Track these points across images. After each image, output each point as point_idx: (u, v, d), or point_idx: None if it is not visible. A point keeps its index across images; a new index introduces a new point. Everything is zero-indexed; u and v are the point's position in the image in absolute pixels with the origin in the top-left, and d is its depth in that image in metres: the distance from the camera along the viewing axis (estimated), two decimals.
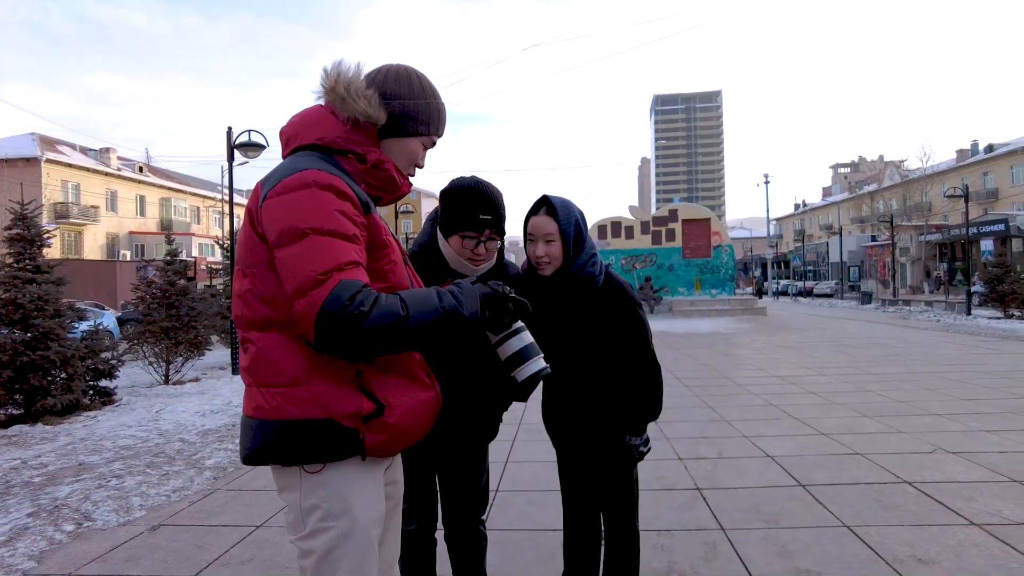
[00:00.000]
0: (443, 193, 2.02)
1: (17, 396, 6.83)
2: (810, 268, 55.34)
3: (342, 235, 1.31)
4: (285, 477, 1.38)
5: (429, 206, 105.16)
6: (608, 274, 2.18)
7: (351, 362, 1.35)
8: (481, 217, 1.93)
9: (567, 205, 2.11)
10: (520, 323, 1.55)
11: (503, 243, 2.07)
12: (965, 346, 11.65)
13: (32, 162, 35.35)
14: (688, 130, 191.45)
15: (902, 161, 45.91)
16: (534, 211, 2.11)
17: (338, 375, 1.34)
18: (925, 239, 39.72)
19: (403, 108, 1.51)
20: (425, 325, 1.30)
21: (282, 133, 1.53)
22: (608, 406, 2.16)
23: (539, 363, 1.57)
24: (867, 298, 30.11)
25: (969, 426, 5.30)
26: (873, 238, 46.54)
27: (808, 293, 44.44)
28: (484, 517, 2.26)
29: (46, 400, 6.80)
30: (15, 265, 7.29)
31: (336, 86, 1.44)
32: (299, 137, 1.47)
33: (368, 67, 1.54)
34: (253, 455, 1.37)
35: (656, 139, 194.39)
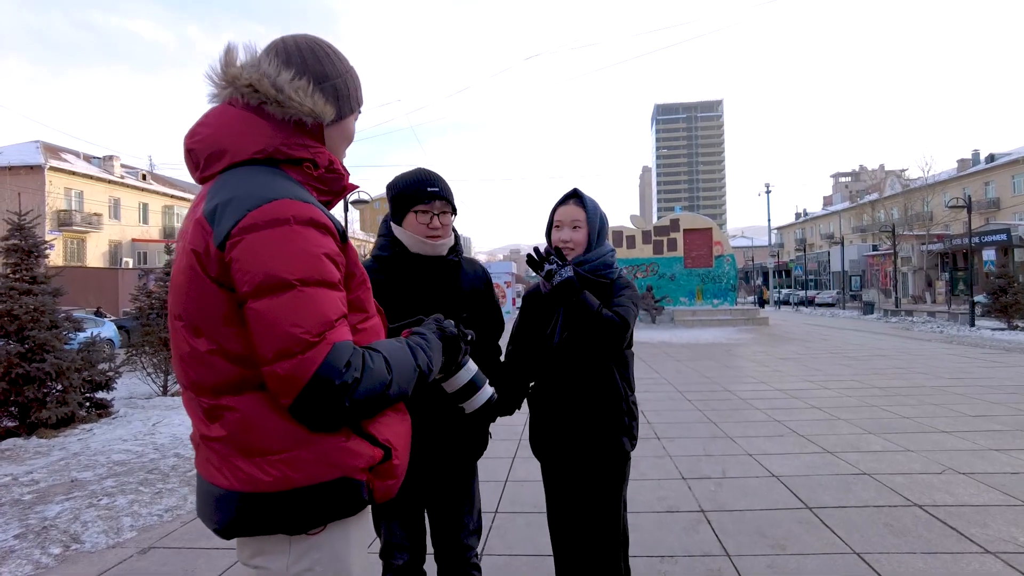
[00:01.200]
0: (389, 186, 2.04)
1: (12, 409, 6.75)
2: (811, 277, 55.24)
3: (329, 284, 1.14)
4: (265, 542, 1.18)
5: None
6: (621, 274, 2.27)
7: (321, 430, 1.16)
8: (429, 190, 1.96)
9: (594, 200, 2.25)
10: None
11: (457, 237, 2.08)
12: (969, 358, 11.55)
13: (36, 170, 35.42)
14: (689, 139, 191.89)
15: (903, 171, 45.93)
16: (563, 201, 2.23)
17: (351, 429, 1.19)
18: (927, 249, 39.64)
19: (336, 89, 1.30)
20: (404, 389, 1.22)
21: (194, 148, 1.24)
22: (606, 402, 2.16)
23: (487, 391, 1.53)
24: (869, 308, 30.00)
25: (979, 444, 5.20)
26: (874, 247, 46.47)
27: (810, 302, 44.34)
28: (478, 549, 2.18)
29: (41, 413, 6.73)
30: (12, 276, 7.23)
31: (261, 84, 1.20)
32: (231, 152, 1.21)
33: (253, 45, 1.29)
34: (247, 528, 1.17)
35: (657, 148, 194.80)
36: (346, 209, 18.13)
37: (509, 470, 4.82)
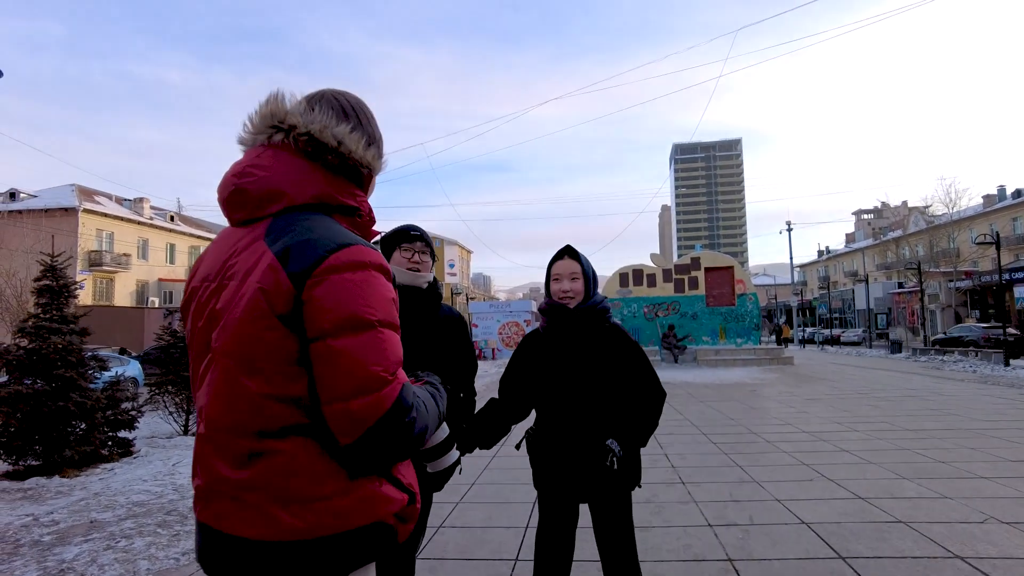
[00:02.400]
0: (382, 237, 2.43)
1: (36, 447, 6.81)
2: (836, 315, 54.32)
3: (396, 327, 1.20)
4: None
5: (452, 253, 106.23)
6: (616, 322, 2.60)
7: (369, 471, 1.20)
8: (412, 232, 2.42)
9: (583, 254, 2.58)
10: None
11: (435, 278, 2.48)
12: (1006, 399, 11.17)
13: (70, 212, 36.58)
14: (708, 178, 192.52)
15: (927, 207, 45.38)
16: (559, 257, 2.55)
17: (378, 473, 1.22)
18: (955, 286, 38.87)
19: (380, 147, 1.40)
20: (432, 432, 1.27)
21: (248, 189, 1.25)
22: (609, 434, 2.41)
23: (454, 455, 1.60)
24: (897, 346, 29.33)
25: (1022, 491, 4.97)
26: (900, 284, 45.70)
27: (835, 341, 43.49)
28: None
29: (64, 451, 6.77)
30: (42, 315, 7.38)
31: (323, 134, 1.26)
32: (289, 195, 1.24)
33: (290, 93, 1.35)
34: None
35: (676, 187, 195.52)
36: None
37: (530, 516, 4.71)
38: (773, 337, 42.41)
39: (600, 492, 2.42)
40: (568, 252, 2.54)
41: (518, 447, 2.72)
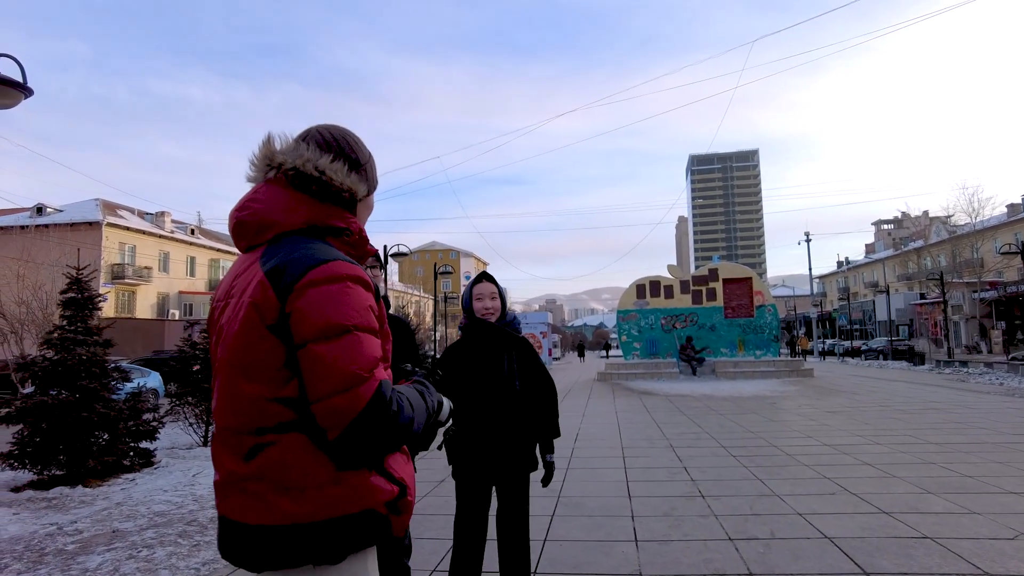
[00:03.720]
0: None
1: (60, 457, 6.90)
2: (856, 327, 53.58)
3: (374, 331, 1.33)
4: (293, 575, 1.31)
5: (468, 265, 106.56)
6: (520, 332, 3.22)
7: (357, 464, 1.32)
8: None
9: (496, 279, 3.15)
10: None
11: (387, 286, 2.63)
12: None
13: (94, 226, 37.28)
14: (725, 189, 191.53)
15: (949, 216, 44.72)
16: (478, 280, 3.12)
17: (368, 466, 1.34)
18: (979, 296, 38.18)
19: (365, 171, 1.55)
20: (420, 426, 1.38)
21: (246, 220, 1.43)
22: (527, 423, 3.06)
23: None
24: (919, 358, 28.82)
25: None
26: (922, 296, 45.00)
27: (855, 353, 42.85)
28: None
29: (87, 461, 6.86)
30: (67, 327, 7.51)
31: (305, 167, 1.41)
32: (280, 223, 1.41)
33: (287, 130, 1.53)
34: (277, 560, 1.29)
35: (693, 198, 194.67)
36: (386, 261, 18.57)
37: (548, 529, 4.68)
38: (787, 349, 41.84)
39: (509, 473, 2.98)
40: (486, 277, 3.11)
41: (440, 448, 2.94)
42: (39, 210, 39.45)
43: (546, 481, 3.15)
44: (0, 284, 24.85)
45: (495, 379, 3.00)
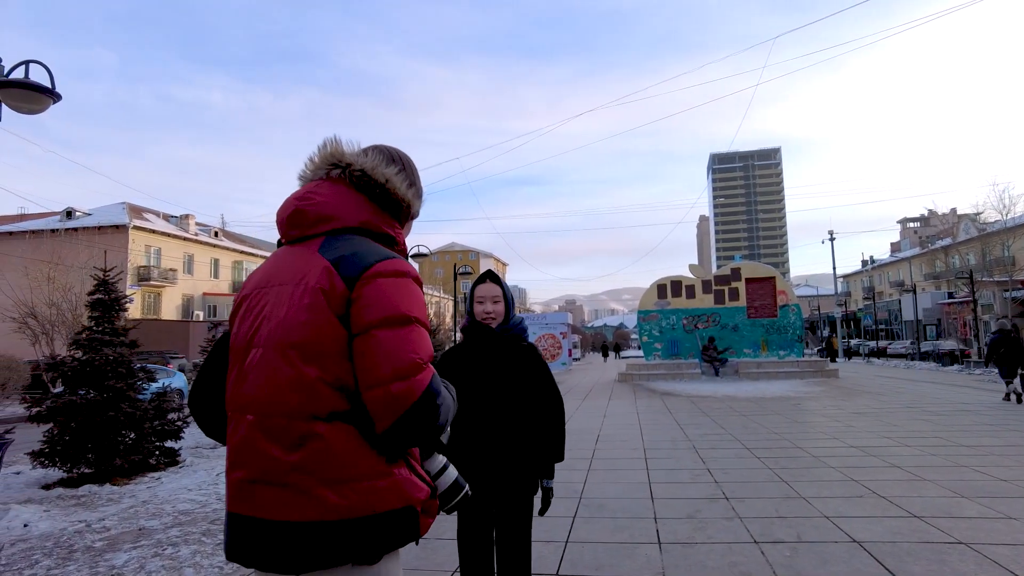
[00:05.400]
0: None
1: (89, 455, 7.02)
2: (882, 327, 52.62)
3: (428, 328, 1.40)
4: (334, 575, 1.28)
5: (487, 266, 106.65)
6: (529, 340, 2.85)
7: (397, 454, 1.34)
8: None
9: (503, 279, 2.79)
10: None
11: None
12: None
13: (121, 229, 37.98)
14: (747, 188, 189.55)
15: (978, 214, 43.72)
16: (481, 280, 2.75)
17: (402, 463, 1.35)
18: (1011, 296, 37.27)
19: (419, 193, 1.65)
20: (450, 419, 1.41)
21: (307, 210, 1.46)
22: (526, 446, 2.64)
23: (452, 473, 1.56)
24: (948, 359, 28.21)
25: None
26: (950, 295, 44.05)
27: (882, 354, 42.07)
28: None
29: (114, 460, 6.97)
30: (95, 328, 7.65)
31: (374, 172, 1.48)
32: (340, 219, 1.45)
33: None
34: (320, 560, 1.25)
35: (715, 197, 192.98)
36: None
37: (570, 530, 4.65)
38: (816, 350, 41.17)
39: (504, 496, 2.62)
40: (490, 276, 2.76)
41: None
42: (68, 214, 40.30)
43: (542, 510, 2.72)
44: (32, 286, 25.44)
45: (490, 391, 2.64)
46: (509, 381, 2.66)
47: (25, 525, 5.12)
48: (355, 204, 1.47)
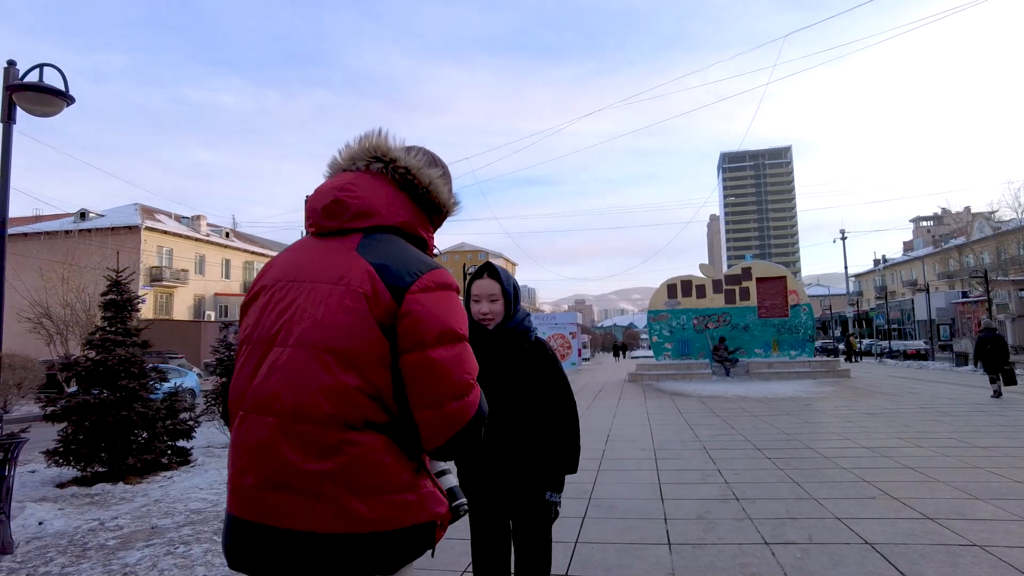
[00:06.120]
0: None
1: (102, 454, 7.09)
2: (894, 326, 52.16)
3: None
4: None
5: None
6: (537, 336, 2.53)
7: (446, 461, 1.40)
8: None
9: (505, 271, 2.47)
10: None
11: None
12: None
13: (134, 229, 38.33)
14: (757, 187, 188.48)
15: (993, 212, 43.23)
16: (478, 275, 2.44)
17: (425, 476, 1.33)
18: None
19: (456, 199, 1.58)
20: None
21: (346, 200, 1.37)
22: (532, 458, 2.41)
23: (460, 492, 1.56)
24: (962, 359, 27.92)
25: None
26: (964, 294, 43.59)
27: (900, 354, 41.69)
28: None
29: (127, 459, 7.04)
30: (108, 328, 7.72)
31: (420, 174, 1.43)
32: (381, 216, 1.39)
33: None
34: (341, 572, 1.20)
35: (725, 196, 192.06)
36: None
37: (579, 530, 4.64)
38: (826, 351, 40.83)
39: (521, 506, 2.44)
40: (487, 270, 2.45)
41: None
42: (82, 215, 40.71)
43: (539, 528, 2.47)
44: (46, 287, 25.71)
45: (493, 399, 2.38)
46: (512, 387, 2.42)
47: (40, 523, 5.18)
48: (398, 202, 1.41)
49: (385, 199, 1.40)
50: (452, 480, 1.55)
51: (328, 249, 1.36)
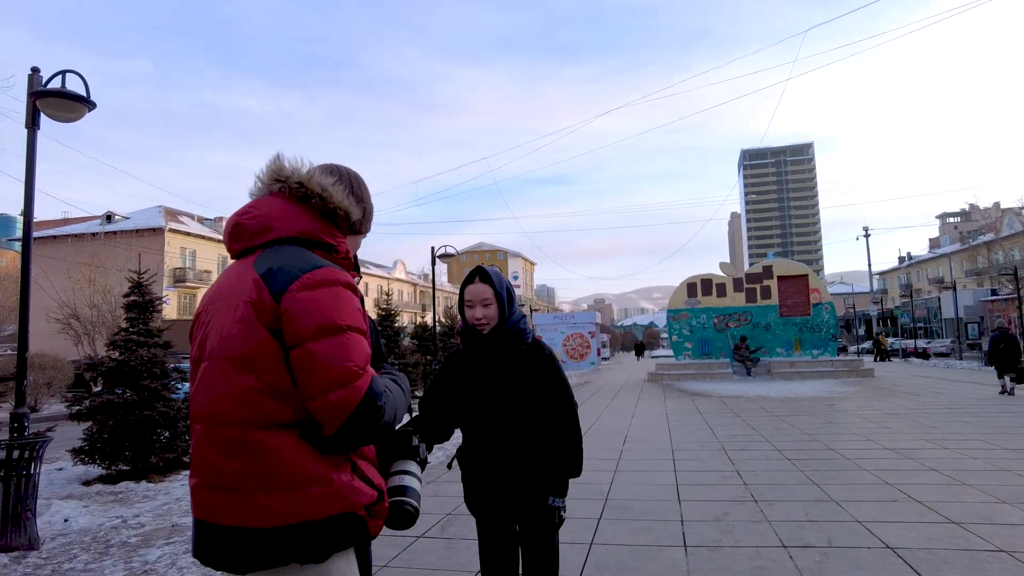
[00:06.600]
0: None
1: (126, 453, 7.22)
2: (920, 325, 51.15)
3: (363, 331, 1.42)
4: (279, 573, 1.35)
5: (516, 266, 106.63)
6: (534, 336, 2.49)
7: (347, 452, 1.39)
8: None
9: (498, 273, 2.45)
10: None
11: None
12: None
13: (158, 231, 39.02)
14: (779, 184, 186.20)
15: (1023, 208, 42.21)
16: (470, 280, 2.43)
17: (345, 468, 1.39)
18: None
19: (364, 208, 1.68)
20: (401, 415, 1.48)
21: (246, 224, 1.51)
22: (533, 463, 2.36)
23: (412, 491, 1.61)
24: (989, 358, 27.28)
25: None
26: (993, 292, 42.61)
27: (923, 354, 40.89)
28: None
29: (150, 458, 7.16)
30: (130, 329, 7.85)
31: (311, 183, 1.51)
32: (276, 229, 1.49)
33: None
34: (263, 561, 1.32)
35: (746, 194, 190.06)
36: (434, 263, 18.81)
37: (595, 532, 4.62)
38: (861, 348, 40.12)
39: (527, 515, 2.41)
40: (479, 275, 2.43)
41: (449, 466, 2.66)
42: (108, 218, 41.51)
43: (544, 533, 2.42)
44: (74, 288, 26.25)
45: (488, 403, 2.41)
46: (507, 391, 2.38)
47: (66, 520, 5.29)
48: (292, 214, 1.51)
49: (280, 213, 1.50)
50: (408, 480, 1.61)
51: (236, 268, 1.50)
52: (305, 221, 1.51)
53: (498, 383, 2.39)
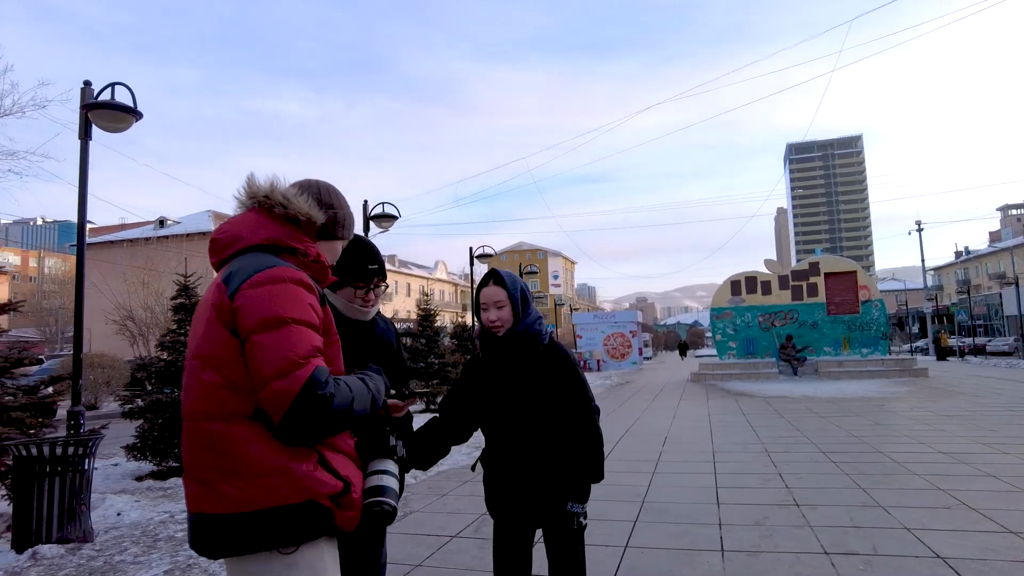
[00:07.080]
0: (338, 267, 2.11)
1: (175, 450, 7.48)
2: (979, 322, 48.98)
3: (312, 324, 1.47)
4: (252, 563, 1.41)
5: (556, 265, 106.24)
6: (551, 337, 2.48)
7: (306, 444, 1.43)
8: (369, 267, 2.16)
9: (512, 275, 2.45)
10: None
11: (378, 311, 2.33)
12: None
13: (206, 235, 40.22)
14: (827, 178, 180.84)
15: None
16: (484, 283, 2.44)
17: (310, 459, 1.44)
18: None
19: (335, 216, 1.76)
20: (364, 409, 1.51)
21: (219, 238, 1.63)
22: (551, 467, 2.32)
23: (389, 490, 1.65)
24: None
25: None
26: None
27: (980, 352, 39.14)
28: None
29: None
30: (177, 331, 8.13)
31: (273, 194, 1.62)
32: (244, 239, 1.59)
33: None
34: (229, 548, 1.40)
35: (792, 188, 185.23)
36: (472, 263, 18.94)
37: (630, 535, 4.56)
38: (907, 347, 38.67)
39: (547, 521, 2.36)
40: (493, 278, 2.44)
41: (473, 468, 2.64)
42: (161, 223, 43.08)
43: (566, 539, 2.35)
44: (129, 291, 27.36)
45: (505, 406, 2.38)
46: (523, 393, 2.34)
47: (118, 514, 5.51)
48: (260, 224, 1.61)
49: (249, 225, 1.61)
50: (385, 480, 1.66)
51: (215, 279, 1.60)
52: (270, 228, 1.61)
53: (514, 385, 2.36)
